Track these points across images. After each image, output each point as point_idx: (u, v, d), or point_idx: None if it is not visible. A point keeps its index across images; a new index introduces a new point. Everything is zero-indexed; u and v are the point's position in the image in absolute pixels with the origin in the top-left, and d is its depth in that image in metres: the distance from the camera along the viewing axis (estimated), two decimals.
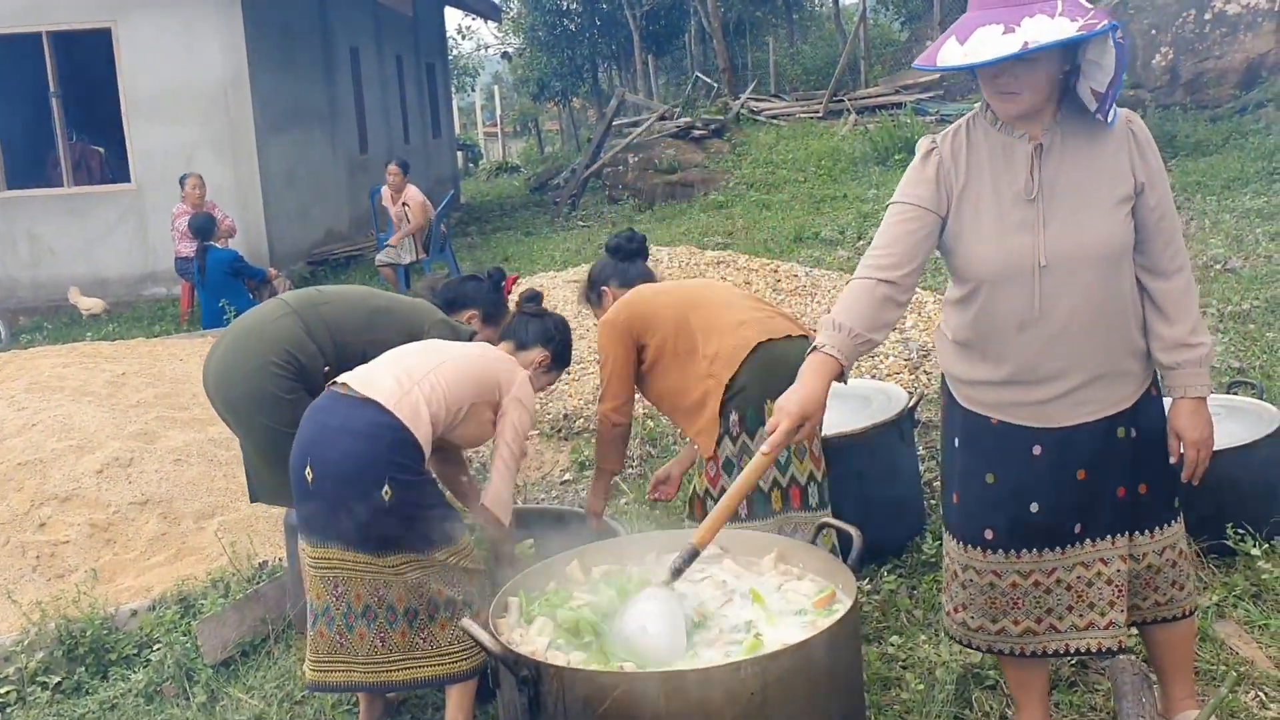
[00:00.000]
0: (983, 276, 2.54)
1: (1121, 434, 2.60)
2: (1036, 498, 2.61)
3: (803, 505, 3.43)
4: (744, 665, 2.16)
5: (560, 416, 6.31)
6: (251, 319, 3.75)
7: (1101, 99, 2.42)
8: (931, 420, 5.55)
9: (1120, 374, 2.57)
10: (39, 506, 5.20)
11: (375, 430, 2.96)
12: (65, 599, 4.34)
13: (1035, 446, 2.60)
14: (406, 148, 17.73)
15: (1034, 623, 2.69)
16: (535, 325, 3.61)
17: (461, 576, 3.08)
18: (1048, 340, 2.52)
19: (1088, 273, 2.48)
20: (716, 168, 16.47)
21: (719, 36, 25.45)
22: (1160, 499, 2.67)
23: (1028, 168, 2.50)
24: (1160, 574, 2.70)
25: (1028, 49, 2.27)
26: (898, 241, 2.57)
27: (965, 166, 2.56)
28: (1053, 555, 2.64)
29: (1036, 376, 2.56)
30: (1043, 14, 2.30)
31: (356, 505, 2.94)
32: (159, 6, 12.20)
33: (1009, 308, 2.53)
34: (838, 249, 10.34)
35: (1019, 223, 2.50)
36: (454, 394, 3.14)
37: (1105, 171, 2.49)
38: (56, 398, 6.45)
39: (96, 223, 12.64)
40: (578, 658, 2.38)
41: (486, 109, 41.01)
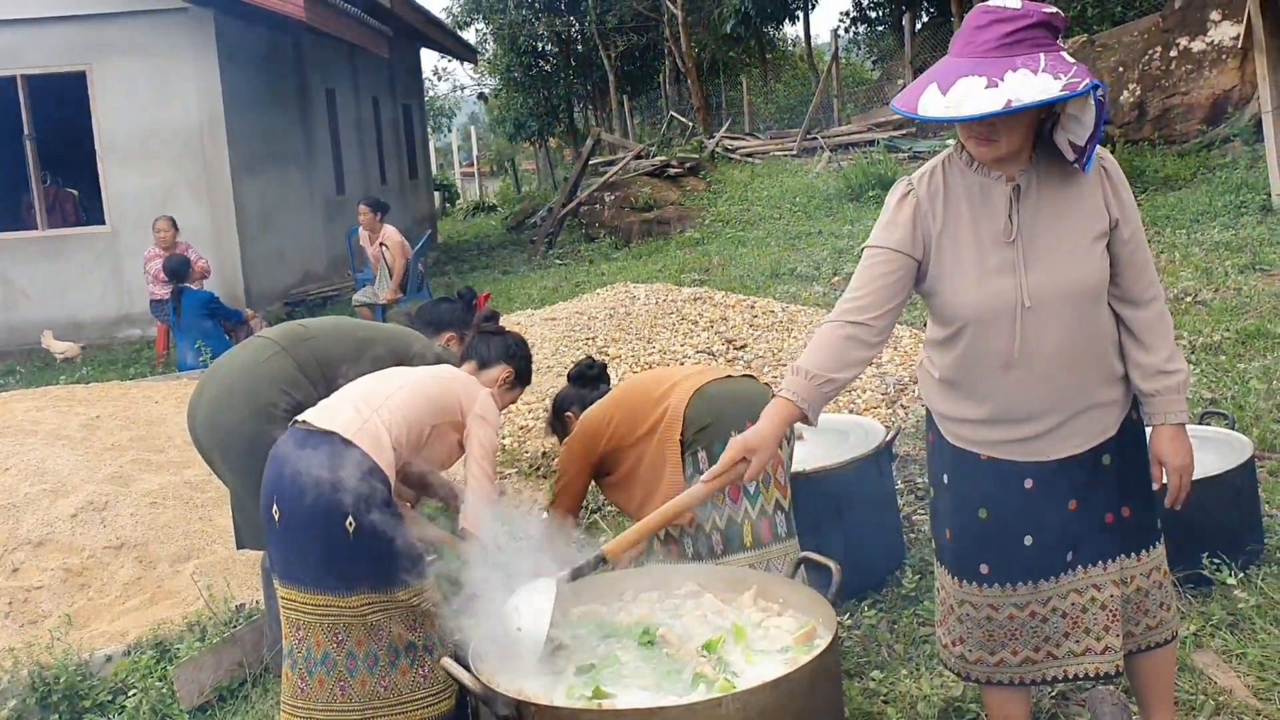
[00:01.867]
0: (966, 318, 2.55)
1: (1107, 461, 2.62)
2: (1030, 531, 2.62)
3: (773, 538, 3.44)
4: (725, 701, 2.15)
5: (539, 455, 6.29)
6: (238, 360, 3.71)
7: (1080, 152, 2.44)
8: (910, 454, 5.58)
9: (1103, 404, 2.60)
10: (12, 551, 5.14)
11: (336, 461, 2.94)
12: (39, 645, 4.29)
13: (1027, 480, 2.61)
14: (383, 188, 17.77)
15: (1032, 651, 2.69)
16: (496, 343, 3.66)
17: (423, 619, 3.03)
18: (1032, 379, 2.53)
19: (1069, 312, 2.50)
20: (692, 205, 16.57)
21: (693, 76, 25.71)
22: (1143, 521, 2.69)
23: (1006, 210, 2.51)
24: (1149, 596, 2.71)
25: (1011, 107, 2.27)
26: (871, 286, 2.58)
27: (943, 209, 2.56)
28: (1048, 585, 2.65)
29: (1023, 414, 2.57)
30: (1026, 69, 2.30)
31: (321, 539, 2.92)
32: (134, 49, 12.23)
33: (992, 348, 2.54)
34: (813, 284, 10.41)
35: (999, 265, 2.51)
36: (414, 417, 3.11)
37: (1082, 211, 2.52)
38: (30, 442, 6.39)
39: (71, 265, 12.59)
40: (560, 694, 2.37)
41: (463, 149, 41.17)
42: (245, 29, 12.95)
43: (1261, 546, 3.99)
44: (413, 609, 3.02)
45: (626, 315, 8.42)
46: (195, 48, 12.30)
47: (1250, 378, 5.90)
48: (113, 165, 12.46)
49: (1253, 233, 9.53)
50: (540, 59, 30.05)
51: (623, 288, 9.52)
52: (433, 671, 3.05)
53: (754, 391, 3.57)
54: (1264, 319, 7.03)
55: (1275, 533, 4.17)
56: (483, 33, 31.98)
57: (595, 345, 7.87)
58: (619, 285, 9.85)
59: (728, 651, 2.51)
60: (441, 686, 3.07)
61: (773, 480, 3.47)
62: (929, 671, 3.52)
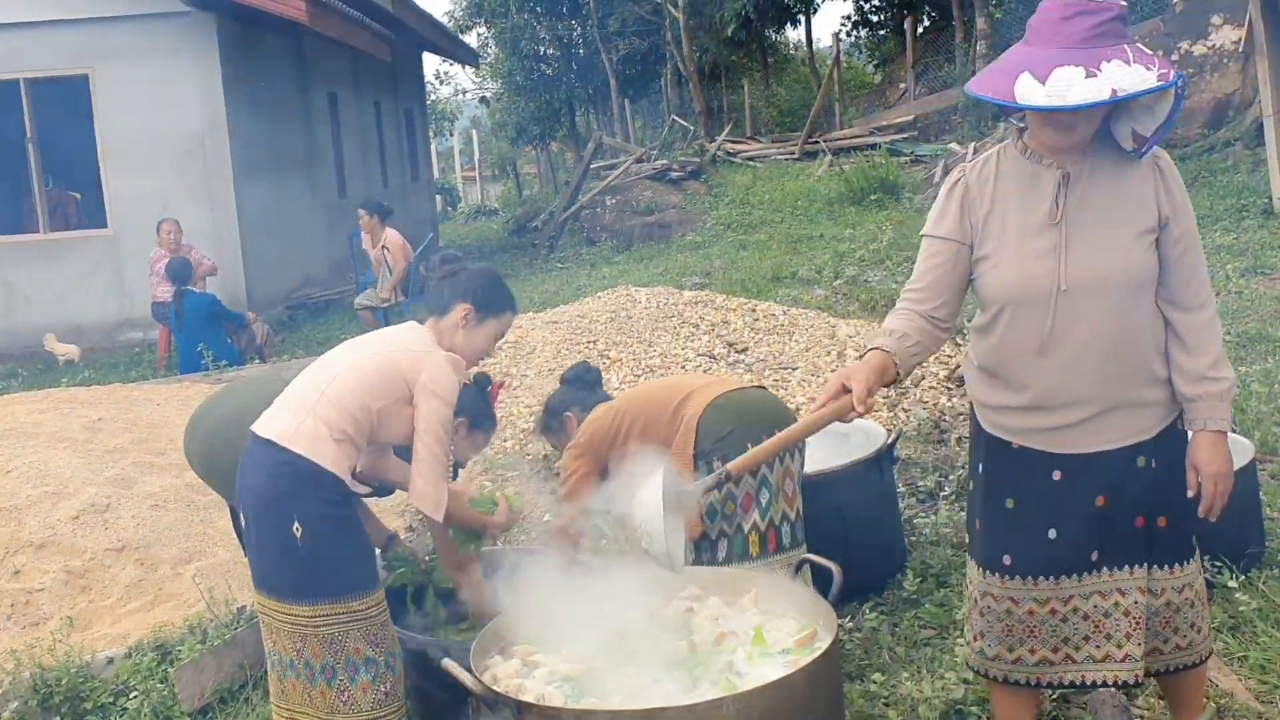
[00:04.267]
0: (1003, 300, 2.58)
1: (1142, 463, 2.61)
2: (1054, 523, 2.63)
3: (778, 548, 3.45)
4: (726, 702, 2.16)
5: (540, 457, 6.29)
6: (247, 399, 3.62)
7: (1143, 141, 2.47)
8: (911, 457, 5.58)
9: (1140, 403, 2.59)
10: (14, 554, 5.14)
11: (275, 469, 2.93)
12: (40, 647, 4.29)
13: (1055, 472, 2.62)
14: (385, 192, 17.77)
15: (1050, 652, 2.69)
16: (450, 284, 3.21)
17: (382, 632, 2.98)
18: (1065, 365, 2.55)
19: (1106, 300, 2.52)
20: (693, 209, 16.58)
21: (695, 80, 25.71)
22: (1178, 534, 2.66)
23: (1053, 194, 2.54)
24: (1180, 614, 2.67)
25: (1117, 96, 2.31)
26: (928, 276, 2.66)
27: (991, 193, 2.61)
28: (1070, 583, 2.65)
29: (1055, 402, 2.58)
30: (1118, 59, 2.34)
31: (274, 547, 2.93)
32: (136, 53, 12.23)
33: (1028, 331, 2.57)
34: (815, 288, 10.41)
35: (1041, 248, 2.54)
36: (355, 404, 2.97)
37: (1130, 202, 2.54)
38: (32, 444, 6.40)
39: (72, 269, 12.60)
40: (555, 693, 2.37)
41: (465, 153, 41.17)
42: (247, 32, 12.96)
43: (1263, 550, 4.00)
44: (370, 620, 2.95)
45: (628, 318, 8.42)
46: (197, 51, 12.30)
47: (1251, 381, 5.90)
48: (114, 169, 12.47)
49: (1254, 236, 9.53)
50: (542, 63, 30.02)
51: (624, 291, 9.52)
52: (393, 689, 2.99)
53: (768, 402, 3.59)
54: (1265, 322, 7.03)
55: (1276, 536, 4.17)
56: (484, 37, 31.97)
57: (596, 348, 7.87)
58: (620, 288, 9.85)
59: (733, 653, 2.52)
60: (400, 702, 3.03)
61: (781, 493, 3.48)
62: (930, 674, 3.52)
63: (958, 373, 6.82)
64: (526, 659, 2.58)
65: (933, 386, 6.64)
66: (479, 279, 3.25)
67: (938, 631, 3.91)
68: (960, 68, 21.23)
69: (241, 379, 3.84)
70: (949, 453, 5.62)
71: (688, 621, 2.72)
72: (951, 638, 3.81)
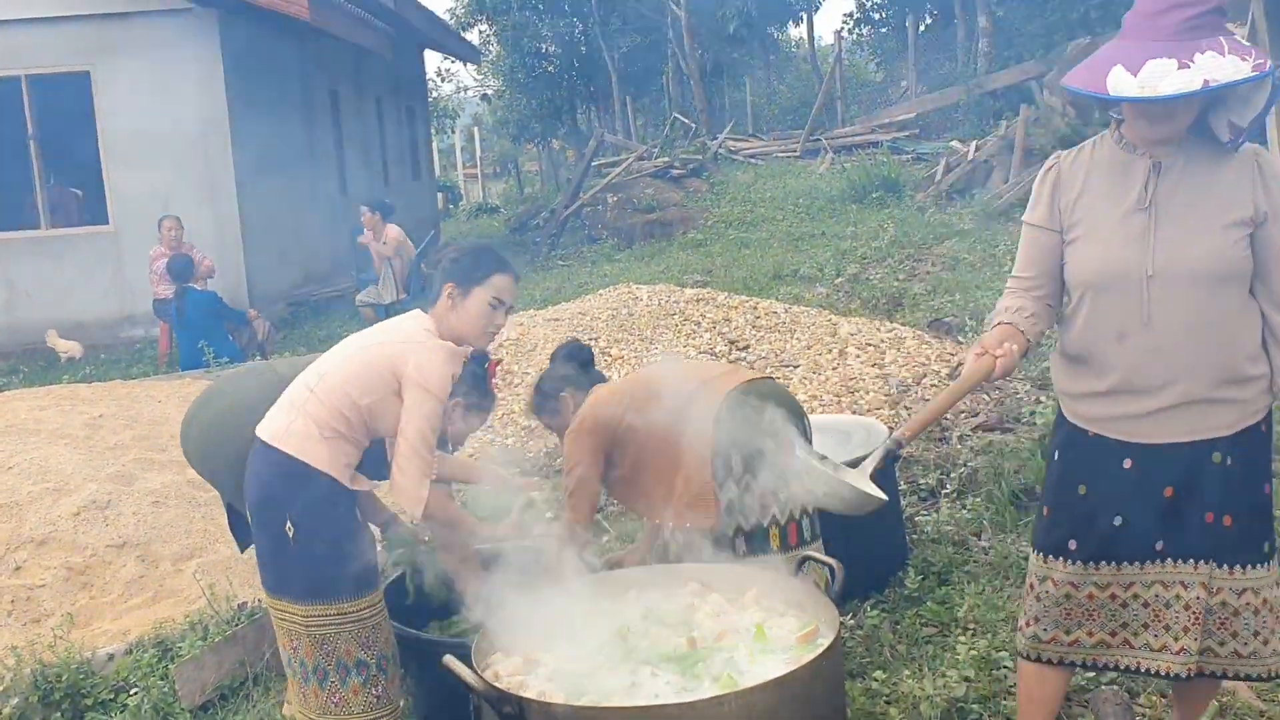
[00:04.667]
0: (1088, 283, 2.63)
1: (1217, 459, 2.60)
2: (1122, 511, 2.65)
3: (799, 541, 3.41)
4: (728, 699, 2.15)
5: (540, 454, 6.29)
6: (238, 394, 3.64)
7: (1239, 132, 2.49)
8: (913, 455, 5.58)
9: (1220, 399, 2.58)
10: (15, 550, 5.14)
11: (266, 469, 2.96)
12: (41, 643, 4.29)
13: (1126, 460, 2.64)
14: (386, 189, 17.75)
15: (1108, 635, 2.71)
16: (437, 271, 3.24)
17: (374, 635, 2.96)
18: (1145, 351, 2.57)
19: (1192, 290, 2.53)
20: (695, 207, 16.56)
21: (696, 78, 25.69)
22: (1245, 536, 2.63)
23: (1143, 182, 2.57)
24: (1238, 617, 2.65)
25: (1209, 87, 2.33)
26: (1031, 261, 2.74)
27: (1082, 180, 2.66)
28: (1131, 569, 2.67)
29: (1134, 388, 2.60)
30: (1212, 50, 2.36)
31: (269, 546, 2.95)
32: (138, 50, 12.22)
33: (1111, 316, 2.60)
34: (816, 286, 10.40)
35: (1128, 233, 2.57)
36: (344, 400, 2.95)
37: (1222, 194, 2.54)
38: (33, 440, 6.40)
39: (73, 265, 12.59)
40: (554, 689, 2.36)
41: (466, 150, 41.13)
42: (249, 30, 12.95)
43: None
44: (362, 622, 2.94)
45: (629, 316, 8.42)
46: (199, 48, 12.29)
47: None
48: (116, 165, 12.46)
49: None
50: (543, 60, 29.99)
51: (625, 289, 9.52)
52: (386, 691, 2.98)
53: (780, 394, 3.55)
54: None
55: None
56: (486, 34, 31.94)
57: (598, 346, 7.86)
58: (622, 286, 9.84)
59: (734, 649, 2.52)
60: (393, 705, 3.03)
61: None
62: (931, 672, 3.52)
63: (959, 371, 6.82)
64: (528, 656, 2.57)
65: (934, 385, 6.64)
66: (456, 255, 3.24)
67: (939, 629, 3.91)
68: (962, 66, 21.23)
69: (230, 375, 3.83)
70: (950, 451, 5.62)
71: (689, 618, 2.72)
72: (953, 635, 3.81)
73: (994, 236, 11.26)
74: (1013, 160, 13.19)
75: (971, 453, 5.48)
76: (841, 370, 6.99)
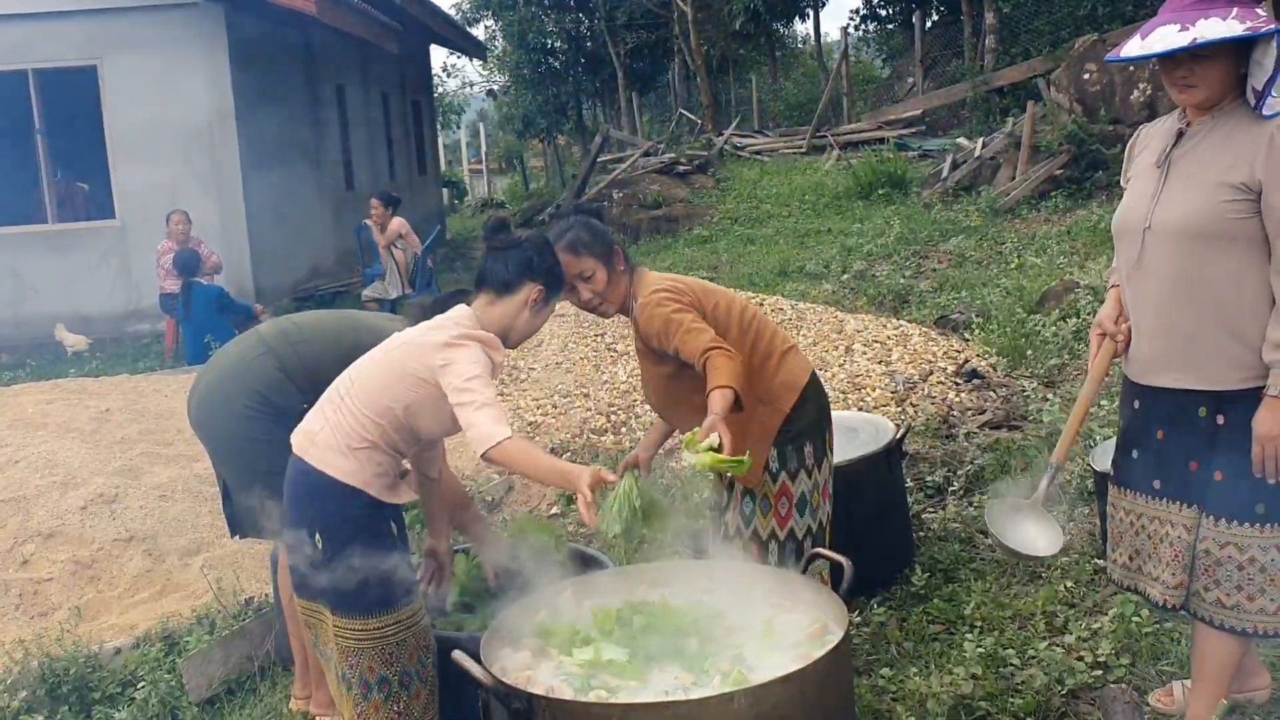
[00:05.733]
0: (1114, 230, 2.95)
1: (1203, 413, 2.78)
2: (1137, 446, 2.95)
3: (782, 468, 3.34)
4: (738, 696, 2.15)
5: (547, 449, 6.29)
6: (230, 357, 3.70)
7: (1257, 95, 2.64)
8: (920, 452, 5.57)
9: (1207, 355, 2.74)
10: (22, 544, 5.14)
11: (295, 480, 2.93)
12: (48, 637, 4.29)
13: (1135, 400, 2.95)
14: (392, 184, 17.78)
15: (1128, 559, 3.00)
16: (514, 257, 2.98)
17: (399, 652, 2.89)
18: (1141, 298, 2.84)
19: (1179, 244, 2.73)
20: (701, 203, 16.55)
21: (703, 74, 25.67)
22: (1234, 492, 2.76)
23: (1167, 143, 2.81)
24: (1220, 567, 2.79)
25: (1194, 44, 2.56)
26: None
27: (1145, 143, 2.95)
28: (1140, 500, 2.94)
29: (1137, 329, 2.88)
30: (1216, 16, 2.58)
31: (301, 554, 2.93)
32: (144, 44, 12.24)
33: (1122, 262, 2.91)
34: (822, 283, 10.39)
35: (1143, 189, 2.85)
36: (377, 406, 2.83)
37: (1227, 157, 2.69)
38: (40, 434, 6.41)
39: (80, 259, 12.61)
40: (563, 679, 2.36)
41: (471, 146, 41.15)
42: (255, 24, 12.96)
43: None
44: (385, 640, 2.88)
45: None
46: (205, 43, 12.31)
47: None
48: (122, 160, 12.48)
49: None
50: (549, 56, 30.00)
51: None
52: (408, 708, 2.93)
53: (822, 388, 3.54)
54: None
55: None
56: (492, 29, 31.97)
57: (604, 341, 7.87)
58: None
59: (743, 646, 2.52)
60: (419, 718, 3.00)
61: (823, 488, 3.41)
62: (938, 669, 3.52)
63: (966, 368, 6.80)
64: (537, 651, 2.57)
65: (941, 381, 6.63)
66: (549, 257, 3.04)
67: (946, 627, 3.91)
68: (968, 62, 21.17)
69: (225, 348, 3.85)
70: (957, 448, 5.61)
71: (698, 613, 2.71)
72: (960, 633, 3.80)
73: (1000, 234, 11.23)
74: (1019, 157, 13.15)
75: (979, 450, 5.48)
76: (848, 367, 6.98)
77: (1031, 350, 6.95)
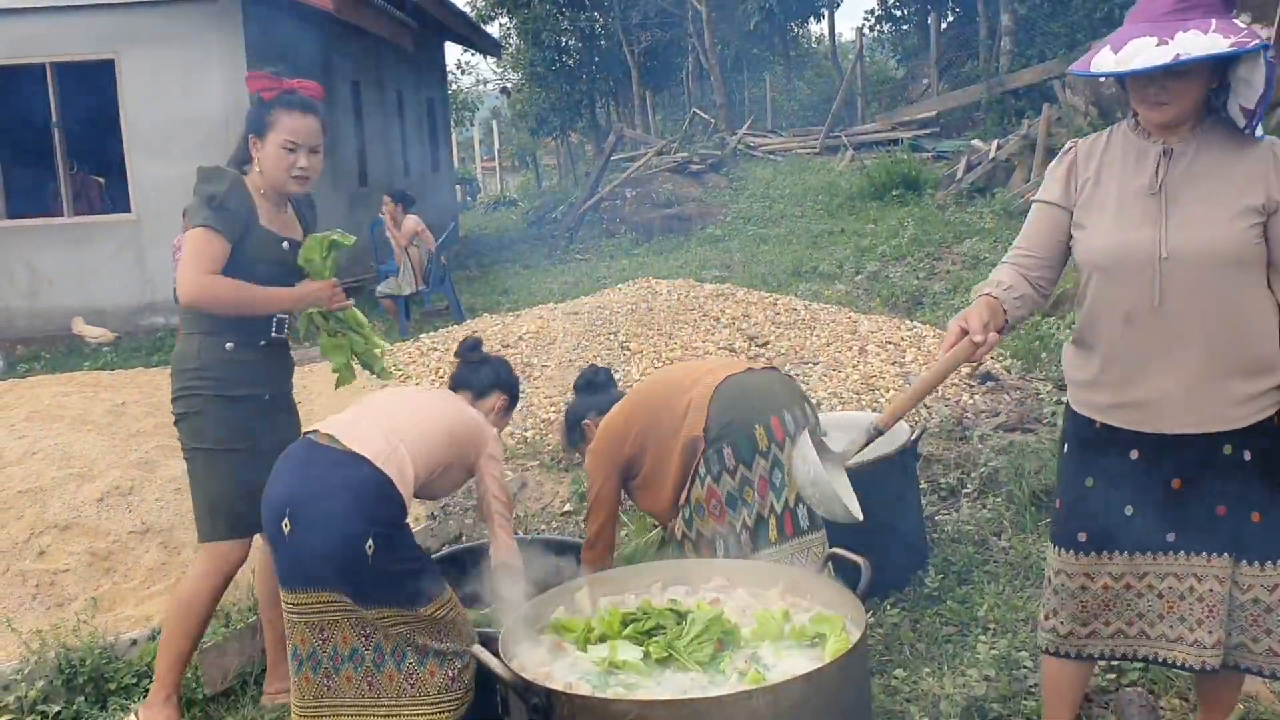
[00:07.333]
0: (1095, 264, 2.62)
1: (1229, 451, 2.58)
2: (1131, 502, 2.65)
3: (796, 531, 3.41)
4: (756, 694, 2.16)
5: (559, 447, 6.30)
6: None
7: (1250, 115, 2.50)
8: (934, 454, 5.57)
9: (1231, 391, 2.54)
10: (39, 535, 5.18)
11: (362, 486, 2.95)
12: (65, 628, 4.32)
13: (1133, 451, 2.63)
14: (406, 181, 17.81)
15: (1125, 625, 2.71)
16: (487, 372, 3.65)
17: (447, 629, 3.04)
18: (1153, 335, 2.55)
19: (1203, 275, 2.51)
20: (714, 202, 16.56)
21: (716, 73, 25.66)
22: (1273, 530, 2.60)
23: (1154, 167, 2.58)
24: (1271, 614, 2.62)
25: (1178, 60, 2.36)
26: (1036, 238, 2.75)
27: (1098, 164, 2.67)
28: (1144, 559, 2.66)
29: (1140, 373, 2.58)
30: (1196, 29, 2.39)
31: (339, 557, 2.92)
32: (162, 38, 12.28)
33: (1119, 298, 2.58)
34: (835, 283, 10.39)
35: (1139, 216, 2.57)
36: (436, 453, 3.17)
37: (1236, 181, 2.53)
38: (56, 426, 6.44)
39: (95, 253, 12.66)
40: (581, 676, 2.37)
41: (485, 143, 41.22)
42: (272, 19, 12.99)
43: None
44: (437, 621, 3.01)
45: (649, 311, 8.42)
46: (222, 37, 12.34)
47: None
48: (139, 153, 12.52)
49: None
50: (563, 54, 30.01)
51: (645, 283, 9.52)
52: (460, 675, 3.04)
53: (777, 384, 3.55)
54: None
55: None
56: (506, 27, 32.00)
57: (617, 340, 7.87)
58: (641, 280, 9.85)
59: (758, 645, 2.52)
60: (466, 689, 3.07)
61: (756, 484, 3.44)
62: (951, 671, 3.52)
63: (980, 370, 6.80)
64: (553, 648, 2.58)
65: (955, 384, 6.62)
66: (511, 373, 3.72)
67: (959, 628, 3.91)
68: (984, 64, 21.15)
69: None
70: (971, 450, 5.61)
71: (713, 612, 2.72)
72: (973, 635, 3.81)
73: (1014, 236, 11.20)
74: (1034, 159, 13.14)
75: (993, 452, 5.47)
76: (862, 368, 6.98)
77: (1046, 353, 6.94)
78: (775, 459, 3.38)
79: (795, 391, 3.58)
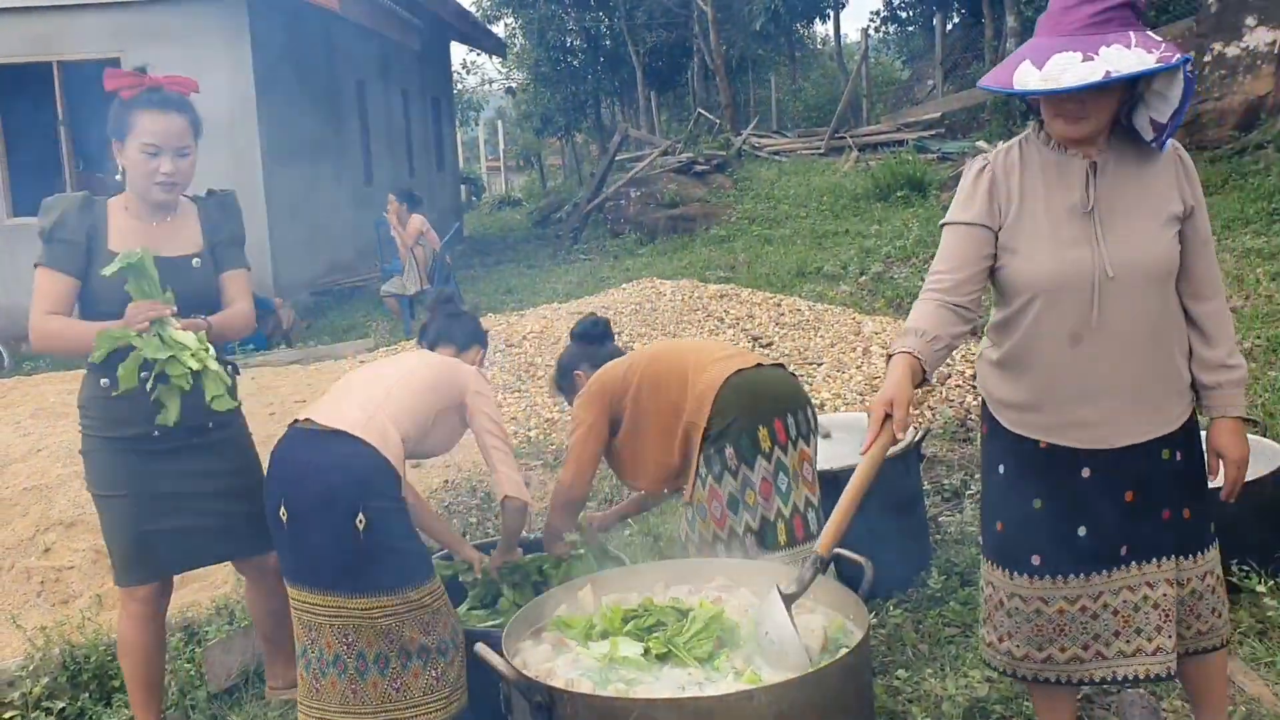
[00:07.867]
0: (1037, 288, 2.54)
1: (1167, 455, 2.61)
2: (1085, 521, 2.61)
3: (806, 535, 3.41)
4: (758, 693, 2.16)
5: (563, 446, 6.31)
6: None
7: (1161, 129, 2.47)
8: (937, 455, 5.57)
9: (1167, 395, 2.59)
10: (44, 532, 5.19)
11: (347, 459, 2.95)
12: (69, 624, 4.33)
13: (1084, 469, 2.60)
14: (411, 180, 17.83)
15: (1081, 649, 2.68)
16: (467, 324, 3.69)
17: (435, 620, 3.03)
18: (1100, 355, 2.53)
19: (1144, 290, 2.51)
20: (718, 202, 16.55)
21: (722, 73, 25.65)
22: (1201, 522, 2.68)
23: (1083, 183, 2.52)
24: (1203, 600, 2.69)
25: (1110, 78, 2.31)
26: (953, 263, 2.60)
27: (1019, 183, 2.59)
28: (1099, 579, 2.64)
29: (1087, 394, 2.55)
30: (1119, 44, 2.35)
31: (331, 539, 2.91)
32: (167, 38, 12.29)
33: (1061, 320, 2.53)
34: (840, 284, 10.39)
35: (1074, 236, 2.52)
36: (419, 407, 3.16)
37: (1157, 192, 2.54)
38: (61, 423, 6.46)
39: None
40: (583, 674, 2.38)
41: (489, 143, 41.24)
42: (277, 18, 13.01)
43: None
44: (425, 608, 3.01)
45: (653, 311, 8.44)
46: (227, 36, 12.36)
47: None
48: None
49: None
50: (568, 54, 30.01)
51: (649, 283, 9.53)
52: (444, 674, 3.04)
53: (784, 383, 3.54)
54: None
55: None
56: (512, 27, 32.01)
57: (621, 340, 7.87)
58: (645, 281, 9.86)
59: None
60: (454, 688, 3.07)
61: (801, 478, 3.45)
62: (954, 672, 3.52)
63: None
64: (556, 645, 2.59)
65: (959, 385, 6.63)
66: (481, 327, 3.74)
67: (961, 629, 3.91)
68: (989, 65, 21.12)
69: None
70: (974, 451, 5.61)
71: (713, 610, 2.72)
72: (975, 636, 3.81)
73: None
74: None
75: None
76: (865, 369, 6.99)
77: None
78: (779, 462, 3.38)
79: (801, 394, 3.58)
